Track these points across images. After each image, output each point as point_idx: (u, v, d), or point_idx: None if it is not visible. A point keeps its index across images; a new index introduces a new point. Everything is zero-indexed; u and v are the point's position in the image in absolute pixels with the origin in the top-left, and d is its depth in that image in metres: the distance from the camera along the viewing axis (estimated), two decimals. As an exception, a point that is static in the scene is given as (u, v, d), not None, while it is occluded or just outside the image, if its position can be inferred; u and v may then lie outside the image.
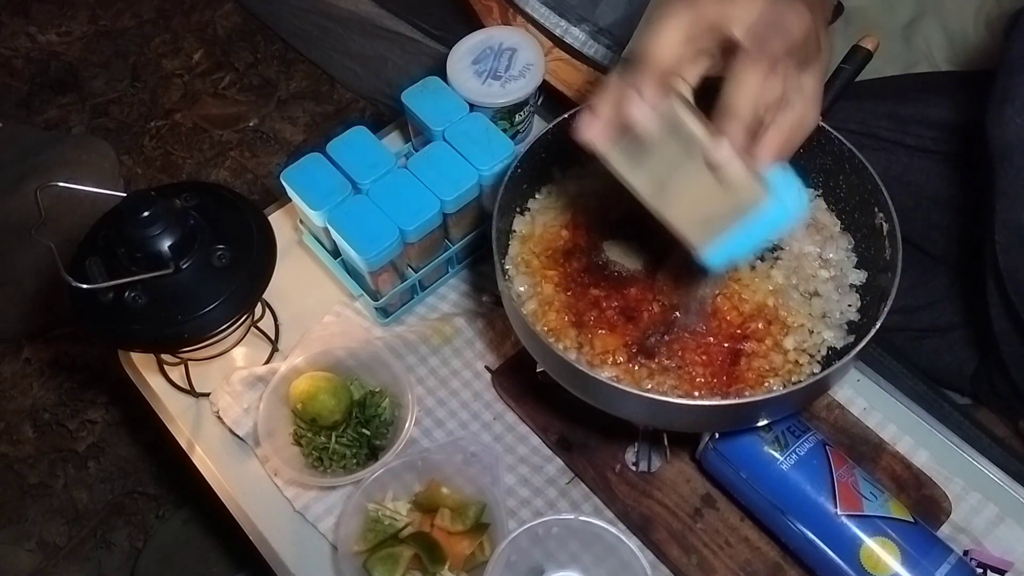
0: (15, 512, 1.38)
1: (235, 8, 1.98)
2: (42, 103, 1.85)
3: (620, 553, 0.68)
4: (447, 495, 0.76)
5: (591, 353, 0.63)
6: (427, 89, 0.88)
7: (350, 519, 0.74)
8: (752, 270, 0.67)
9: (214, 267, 0.74)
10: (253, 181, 1.74)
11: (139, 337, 0.74)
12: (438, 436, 0.83)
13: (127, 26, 1.97)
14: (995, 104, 0.71)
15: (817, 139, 0.68)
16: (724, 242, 0.53)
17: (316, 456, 0.79)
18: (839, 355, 0.63)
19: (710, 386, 0.62)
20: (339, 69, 1.78)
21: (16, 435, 1.45)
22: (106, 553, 1.34)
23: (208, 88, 1.87)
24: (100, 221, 0.77)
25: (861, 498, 0.68)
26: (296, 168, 0.83)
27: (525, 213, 0.72)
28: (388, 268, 0.83)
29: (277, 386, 0.80)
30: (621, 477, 0.77)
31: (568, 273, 0.68)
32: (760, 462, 0.70)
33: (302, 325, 0.89)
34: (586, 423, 0.79)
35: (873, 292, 0.65)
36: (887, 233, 0.64)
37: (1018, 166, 0.71)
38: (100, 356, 1.50)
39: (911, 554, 0.65)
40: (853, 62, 0.68)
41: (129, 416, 1.45)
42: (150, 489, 1.39)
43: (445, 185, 0.81)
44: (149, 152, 1.78)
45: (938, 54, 1.20)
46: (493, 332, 0.88)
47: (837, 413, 0.80)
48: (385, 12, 1.50)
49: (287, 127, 1.81)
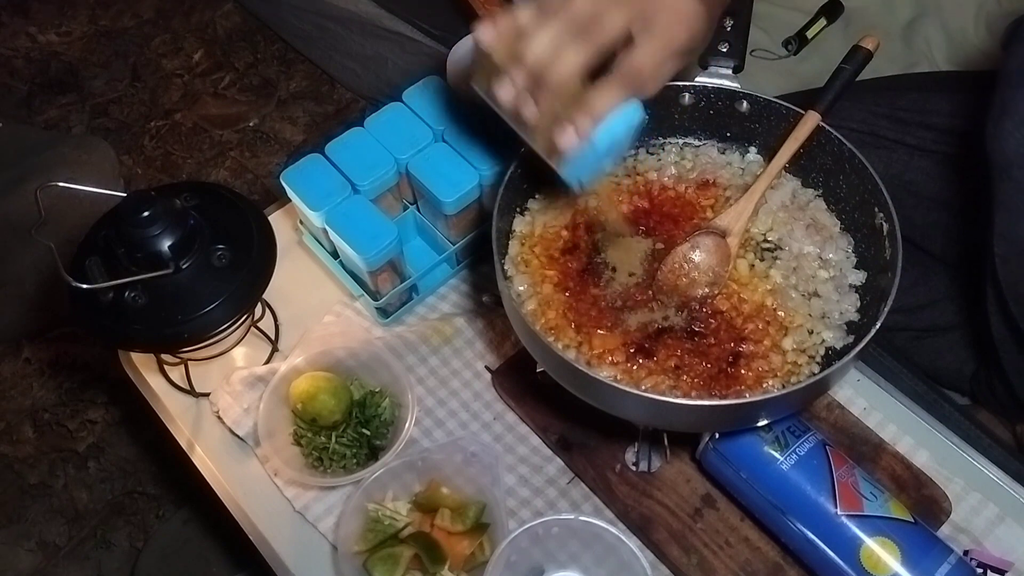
0: (15, 512, 1.38)
1: (235, 8, 1.98)
2: (42, 103, 1.85)
3: (620, 553, 0.68)
4: (447, 495, 0.76)
5: (590, 353, 0.63)
6: (427, 89, 0.89)
7: (350, 519, 0.74)
8: (751, 270, 0.67)
9: (214, 267, 0.74)
10: (253, 181, 1.74)
11: (139, 337, 0.74)
12: (438, 436, 0.83)
13: (127, 26, 1.97)
14: (994, 118, 0.71)
15: (817, 139, 0.68)
16: (572, 164, 0.60)
17: (316, 456, 0.79)
18: (839, 355, 0.63)
19: (709, 386, 0.62)
20: (339, 69, 1.78)
21: (16, 435, 1.45)
22: (106, 553, 1.34)
23: (208, 88, 1.87)
24: (100, 221, 0.77)
25: (861, 498, 0.68)
26: (296, 169, 0.83)
27: (525, 213, 0.72)
28: (388, 268, 0.83)
29: (277, 386, 0.80)
30: (621, 477, 0.77)
31: (568, 273, 0.68)
32: (760, 462, 0.70)
33: (302, 325, 0.89)
34: (586, 423, 0.79)
35: (873, 292, 0.65)
36: (887, 233, 0.64)
37: (1016, 180, 0.71)
38: (100, 356, 1.50)
39: (911, 554, 0.65)
40: (853, 62, 0.68)
41: (129, 416, 1.45)
42: (150, 489, 1.40)
43: (445, 185, 0.81)
44: (149, 152, 1.79)
45: (938, 54, 1.20)
46: (493, 332, 0.88)
47: (837, 413, 0.80)
48: (385, 12, 1.50)
49: (287, 127, 1.81)
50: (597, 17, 0.55)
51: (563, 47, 0.55)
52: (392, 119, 0.86)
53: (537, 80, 0.56)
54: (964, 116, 0.92)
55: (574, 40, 0.55)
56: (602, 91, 0.57)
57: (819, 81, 0.70)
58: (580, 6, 0.55)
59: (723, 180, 0.73)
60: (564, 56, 0.55)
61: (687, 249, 0.66)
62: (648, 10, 0.56)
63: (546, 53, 0.55)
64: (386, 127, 0.85)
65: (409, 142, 0.84)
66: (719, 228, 0.66)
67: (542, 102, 0.57)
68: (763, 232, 0.70)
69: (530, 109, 0.57)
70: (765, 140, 0.73)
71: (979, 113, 0.74)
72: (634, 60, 0.57)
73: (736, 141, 0.74)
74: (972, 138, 0.79)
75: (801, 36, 1.27)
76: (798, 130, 0.66)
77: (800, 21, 1.28)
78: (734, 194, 0.71)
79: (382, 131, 0.85)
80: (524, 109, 0.57)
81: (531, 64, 0.55)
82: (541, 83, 0.56)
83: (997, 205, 0.75)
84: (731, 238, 0.66)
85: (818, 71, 1.23)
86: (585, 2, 0.55)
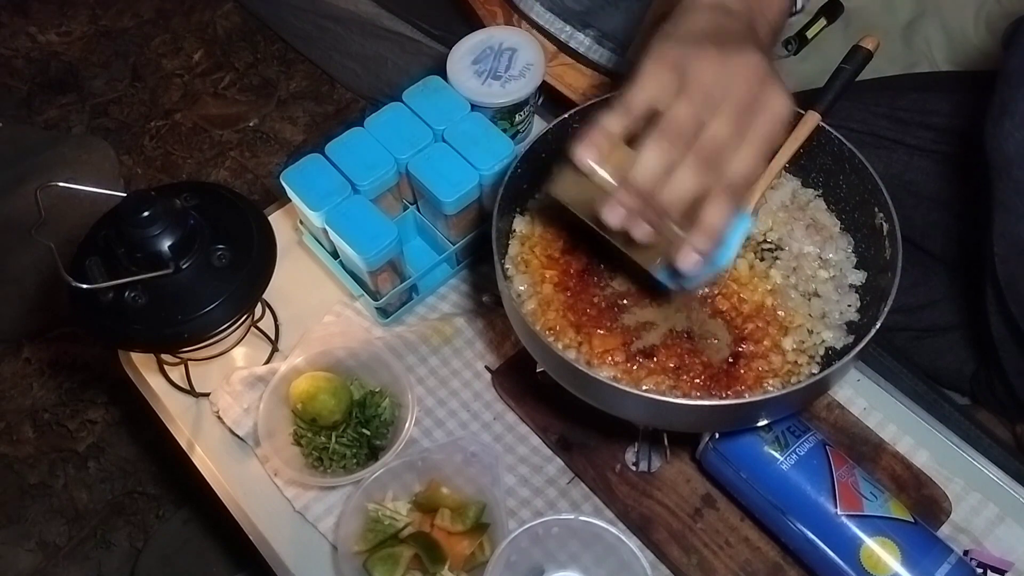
0: (15, 512, 1.38)
1: (235, 8, 1.98)
2: (42, 103, 1.85)
3: (620, 553, 0.68)
4: (447, 495, 0.76)
5: (590, 353, 0.63)
6: (427, 89, 0.89)
7: (350, 519, 0.74)
8: (751, 270, 0.67)
9: (214, 267, 0.74)
10: (253, 181, 1.74)
11: (139, 337, 0.74)
12: (438, 436, 0.83)
13: (127, 26, 1.97)
14: (993, 118, 0.71)
15: (817, 139, 0.68)
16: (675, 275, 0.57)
17: (316, 456, 0.79)
18: (839, 355, 0.63)
19: (709, 386, 0.62)
20: (339, 69, 1.78)
21: (16, 435, 1.45)
22: (106, 553, 1.34)
23: (208, 88, 1.87)
24: (100, 221, 0.77)
25: (861, 498, 0.68)
26: (295, 169, 0.83)
27: (525, 213, 0.72)
28: (388, 268, 0.83)
29: (277, 386, 0.80)
30: (621, 477, 0.77)
31: (568, 273, 0.68)
32: (760, 462, 0.70)
33: (302, 325, 0.89)
34: (586, 423, 0.79)
35: (873, 292, 0.65)
36: (887, 233, 0.64)
37: (1016, 179, 0.71)
38: (100, 356, 1.50)
39: (911, 554, 0.65)
40: (853, 62, 0.68)
41: (129, 416, 1.45)
42: (150, 489, 1.40)
43: (445, 185, 0.81)
44: (149, 152, 1.78)
45: (938, 54, 1.20)
46: (493, 332, 0.88)
47: (837, 413, 0.80)
48: (385, 12, 1.50)
49: (287, 127, 1.81)
50: (709, 141, 0.52)
51: (679, 173, 0.52)
52: (392, 119, 0.86)
53: (652, 204, 0.52)
54: (964, 116, 0.91)
55: (690, 167, 0.52)
56: (715, 208, 0.53)
57: (819, 81, 0.70)
58: (683, 116, 0.52)
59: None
60: (682, 182, 0.52)
61: None
62: (752, 113, 0.53)
63: (658, 174, 0.51)
64: (386, 127, 0.85)
65: (409, 142, 0.84)
66: (719, 228, 0.66)
67: (657, 226, 0.54)
68: (763, 232, 0.70)
69: (644, 231, 0.54)
70: (765, 140, 0.73)
71: (979, 113, 0.74)
72: (740, 169, 0.53)
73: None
74: (972, 138, 0.79)
75: (801, 36, 1.26)
76: (798, 130, 0.66)
77: (800, 21, 1.28)
78: (734, 194, 0.71)
79: (382, 131, 0.85)
80: (637, 231, 0.54)
81: (646, 189, 0.52)
82: (657, 208, 0.52)
83: (997, 205, 0.75)
84: (731, 238, 0.66)
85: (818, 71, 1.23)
86: (687, 111, 0.52)
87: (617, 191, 0.53)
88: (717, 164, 0.53)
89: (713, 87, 0.53)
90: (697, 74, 0.53)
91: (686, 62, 0.53)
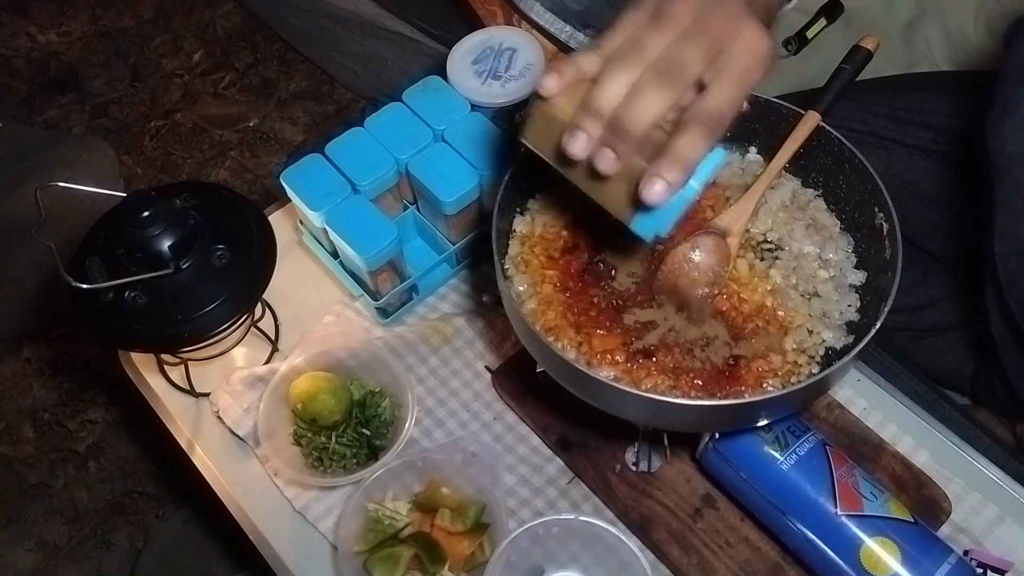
0: (15, 512, 1.38)
1: (235, 8, 1.98)
2: (42, 103, 1.85)
3: (620, 553, 0.68)
4: (447, 495, 0.76)
5: (590, 353, 0.63)
6: (427, 89, 0.89)
7: (350, 519, 0.74)
8: (751, 270, 0.67)
9: (214, 267, 0.74)
10: (253, 181, 1.74)
11: (139, 337, 0.74)
12: (438, 436, 0.83)
13: (127, 26, 1.97)
14: (993, 117, 0.71)
15: (817, 139, 0.68)
16: (645, 217, 0.56)
17: (316, 456, 0.79)
18: (839, 355, 0.63)
19: (709, 386, 0.62)
20: (339, 69, 1.78)
21: (16, 435, 1.45)
22: (106, 553, 1.34)
23: (208, 88, 1.87)
24: (100, 221, 0.77)
25: (861, 498, 0.68)
26: (295, 169, 0.83)
27: (525, 213, 0.72)
28: (388, 268, 0.83)
29: (277, 386, 0.80)
30: (621, 477, 0.77)
31: (568, 273, 0.68)
32: (760, 462, 0.70)
33: (302, 325, 0.89)
34: (586, 423, 0.79)
35: (873, 292, 0.65)
36: (887, 233, 0.64)
37: (1017, 179, 0.71)
38: (100, 356, 1.50)
39: (911, 554, 0.65)
40: (853, 62, 0.68)
41: (129, 416, 1.45)
42: (150, 489, 1.40)
43: (445, 185, 0.81)
44: (149, 152, 1.79)
45: (938, 54, 1.20)
46: (493, 332, 0.88)
47: (837, 413, 0.80)
48: (385, 12, 1.50)
49: (287, 127, 1.81)
50: (673, 57, 0.51)
51: (641, 92, 0.50)
52: (392, 119, 0.86)
53: (615, 129, 0.51)
54: (964, 116, 0.91)
55: (652, 84, 0.50)
56: (688, 137, 0.51)
57: (819, 81, 0.70)
58: (653, 48, 0.51)
59: (723, 180, 0.73)
60: (644, 101, 0.50)
61: (687, 249, 0.66)
62: (724, 47, 0.52)
63: (623, 99, 0.50)
64: (386, 127, 0.85)
65: (409, 142, 0.84)
66: (719, 228, 0.66)
67: (621, 153, 0.52)
68: (763, 232, 0.70)
69: (607, 160, 0.52)
70: (765, 140, 0.73)
71: (979, 113, 0.74)
72: (713, 101, 0.52)
73: (736, 141, 0.74)
74: (972, 138, 0.79)
75: (801, 36, 1.26)
76: (798, 130, 0.66)
77: (800, 21, 1.28)
78: (734, 194, 0.71)
79: (382, 131, 0.85)
80: (600, 161, 0.52)
81: (607, 112, 0.51)
82: (619, 132, 0.51)
83: (997, 205, 0.75)
84: (731, 238, 0.66)
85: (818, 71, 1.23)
86: (658, 43, 0.51)
87: (579, 115, 0.52)
88: (684, 87, 0.51)
89: (687, 22, 0.52)
90: (673, 10, 0.52)
91: (665, 4, 0.53)
